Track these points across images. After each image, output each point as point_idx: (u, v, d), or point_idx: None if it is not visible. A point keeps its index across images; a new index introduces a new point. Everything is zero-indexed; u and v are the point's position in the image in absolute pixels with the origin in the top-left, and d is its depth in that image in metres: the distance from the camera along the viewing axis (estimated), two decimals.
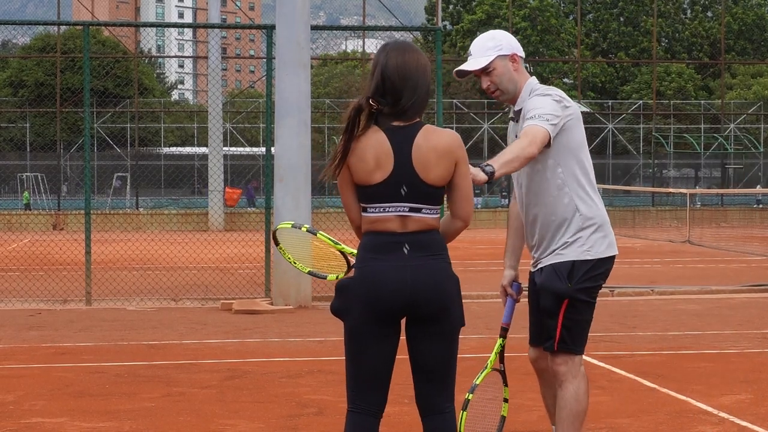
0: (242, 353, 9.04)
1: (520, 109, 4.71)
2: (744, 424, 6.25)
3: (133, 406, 6.80)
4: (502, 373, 4.88)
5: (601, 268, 4.71)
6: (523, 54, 4.76)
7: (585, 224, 4.68)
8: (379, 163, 3.89)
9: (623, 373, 7.88)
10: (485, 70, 4.70)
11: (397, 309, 3.91)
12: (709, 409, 6.67)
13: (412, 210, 3.91)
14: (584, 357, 4.92)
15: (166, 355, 8.90)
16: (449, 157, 3.90)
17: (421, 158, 3.88)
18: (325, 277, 4.31)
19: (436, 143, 3.89)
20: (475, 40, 4.78)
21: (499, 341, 4.86)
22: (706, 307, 12.38)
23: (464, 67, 4.74)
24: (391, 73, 3.91)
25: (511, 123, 4.88)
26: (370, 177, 3.90)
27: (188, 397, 7.08)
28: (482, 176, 4.21)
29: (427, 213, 3.93)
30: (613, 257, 4.76)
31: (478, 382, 4.75)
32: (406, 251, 3.90)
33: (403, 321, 4.00)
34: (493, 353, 4.84)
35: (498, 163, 4.31)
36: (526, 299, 4.98)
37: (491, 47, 4.69)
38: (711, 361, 8.58)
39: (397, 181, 3.89)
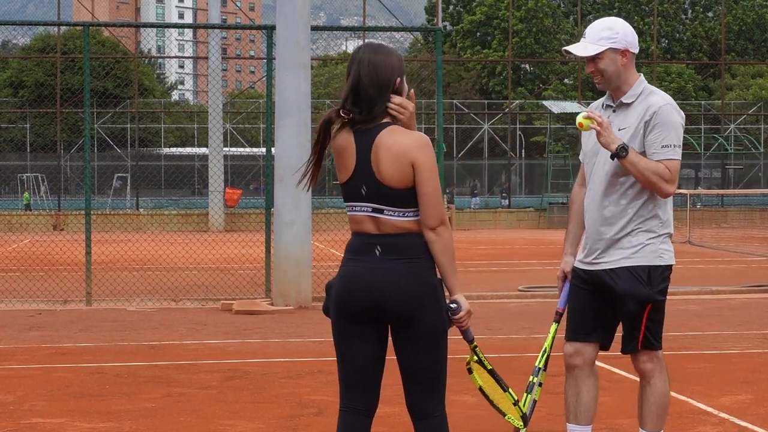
0: (242, 354, 9.03)
1: (628, 103, 4.72)
2: (744, 424, 6.25)
3: (133, 407, 6.80)
4: (547, 358, 4.93)
5: (668, 270, 4.78)
6: (636, 50, 4.72)
7: (662, 231, 4.74)
8: (346, 163, 3.93)
9: (623, 373, 7.86)
10: (592, 58, 4.68)
11: (372, 310, 3.91)
12: (710, 409, 6.67)
13: (375, 211, 3.91)
14: None
15: (166, 356, 8.90)
16: (404, 158, 3.85)
17: (376, 158, 3.88)
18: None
19: (392, 144, 3.87)
20: (594, 23, 4.78)
21: (554, 326, 4.92)
22: (707, 307, 12.37)
23: (572, 49, 4.73)
24: (366, 85, 3.90)
25: (601, 108, 4.85)
26: (340, 176, 3.98)
27: (188, 398, 7.08)
28: (616, 146, 4.50)
29: (391, 215, 3.89)
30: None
31: (540, 366, 4.83)
32: (378, 253, 3.90)
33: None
34: (549, 337, 4.90)
35: (632, 158, 4.53)
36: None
37: (605, 37, 4.67)
38: (711, 362, 8.58)
39: (357, 181, 3.92)
